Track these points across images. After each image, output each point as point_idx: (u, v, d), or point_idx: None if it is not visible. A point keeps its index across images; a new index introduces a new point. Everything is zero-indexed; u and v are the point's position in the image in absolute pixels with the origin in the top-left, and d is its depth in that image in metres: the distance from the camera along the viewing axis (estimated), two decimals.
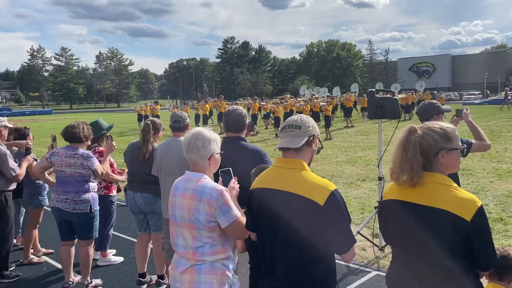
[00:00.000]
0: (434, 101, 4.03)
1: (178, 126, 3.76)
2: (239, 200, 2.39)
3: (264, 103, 24.81)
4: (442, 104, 4.14)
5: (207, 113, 23.70)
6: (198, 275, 2.20)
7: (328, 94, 31.55)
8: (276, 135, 18.50)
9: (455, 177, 3.17)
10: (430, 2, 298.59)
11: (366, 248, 5.09)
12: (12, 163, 4.39)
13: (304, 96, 29.62)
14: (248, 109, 25.75)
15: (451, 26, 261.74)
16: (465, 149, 1.99)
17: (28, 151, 4.77)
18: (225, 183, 2.41)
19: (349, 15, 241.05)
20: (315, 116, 18.73)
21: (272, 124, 21.03)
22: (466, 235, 1.75)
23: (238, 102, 27.58)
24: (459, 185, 2.30)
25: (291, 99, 23.78)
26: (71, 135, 4.11)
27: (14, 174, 4.36)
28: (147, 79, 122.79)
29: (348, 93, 28.26)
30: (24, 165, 4.58)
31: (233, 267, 2.32)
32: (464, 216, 1.74)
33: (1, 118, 4.64)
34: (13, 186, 4.54)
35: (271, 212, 2.02)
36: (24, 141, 4.85)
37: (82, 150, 4.12)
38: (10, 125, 4.75)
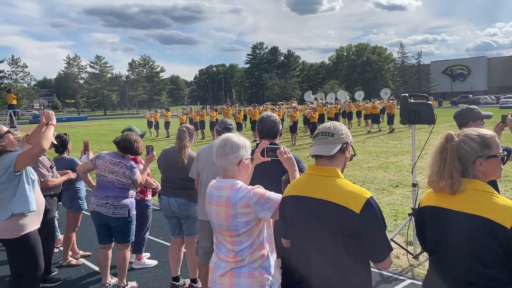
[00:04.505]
0: (473, 106, 3.92)
1: (227, 132, 3.78)
2: None
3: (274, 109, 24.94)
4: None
5: (240, 120, 23.88)
6: (237, 278, 2.24)
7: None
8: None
9: (494, 184, 3.08)
10: (464, 3, 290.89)
11: (400, 256, 5.00)
12: (43, 170, 4.51)
13: (309, 101, 29.51)
14: (245, 116, 25.98)
15: (487, 27, 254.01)
16: (505, 157, 1.93)
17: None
18: (272, 155, 2.58)
19: (380, 18, 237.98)
20: (306, 123, 19.94)
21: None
22: (506, 243, 1.71)
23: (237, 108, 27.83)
24: (498, 192, 2.25)
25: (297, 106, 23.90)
26: (128, 147, 4.26)
27: (42, 180, 4.44)
28: (178, 86, 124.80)
29: (314, 100, 28.00)
30: (61, 178, 4.76)
31: (273, 264, 2.31)
32: (504, 224, 1.71)
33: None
34: (54, 191, 4.72)
35: (305, 220, 2.02)
36: (71, 175, 4.98)
37: (127, 160, 4.26)
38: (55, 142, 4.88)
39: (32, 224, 3.51)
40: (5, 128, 3.60)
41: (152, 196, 5.17)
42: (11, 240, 3.42)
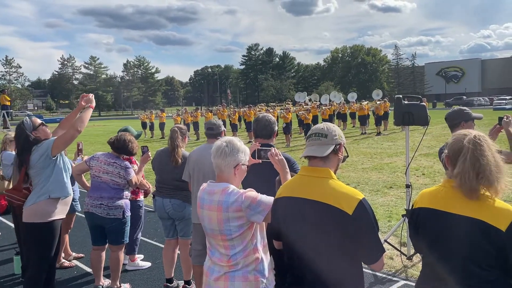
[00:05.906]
0: (464, 107, 3.94)
1: (212, 132, 3.81)
2: None
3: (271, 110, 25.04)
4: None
5: (236, 122, 23.95)
6: (231, 282, 2.22)
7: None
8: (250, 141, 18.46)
9: None
10: (458, 5, 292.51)
11: (394, 257, 5.01)
12: None
13: (304, 103, 29.64)
14: (241, 118, 26.11)
15: (481, 29, 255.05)
16: None
17: None
18: (264, 157, 2.57)
19: (375, 20, 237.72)
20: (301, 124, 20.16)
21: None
22: (501, 245, 1.72)
23: (237, 109, 27.96)
24: None
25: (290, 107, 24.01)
26: (122, 147, 4.25)
27: None
28: (173, 87, 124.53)
29: (308, 102, 28.20)
30: None
31: (267, 266, 2.30)
32: (499, 226, 1.72)
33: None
34: None
35: (298, 221, 2.02)
36: None
37: (121, 160, 4.25)
38: None
39: (60, 212, 3.62)
40: (39, 120, 3.72)
41: (144, 197, 5.15)
42: (37, 224, 3.47)
